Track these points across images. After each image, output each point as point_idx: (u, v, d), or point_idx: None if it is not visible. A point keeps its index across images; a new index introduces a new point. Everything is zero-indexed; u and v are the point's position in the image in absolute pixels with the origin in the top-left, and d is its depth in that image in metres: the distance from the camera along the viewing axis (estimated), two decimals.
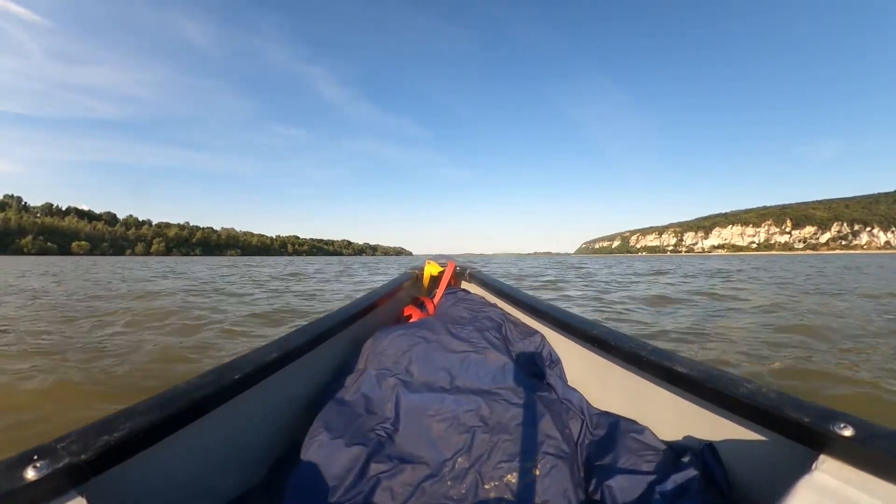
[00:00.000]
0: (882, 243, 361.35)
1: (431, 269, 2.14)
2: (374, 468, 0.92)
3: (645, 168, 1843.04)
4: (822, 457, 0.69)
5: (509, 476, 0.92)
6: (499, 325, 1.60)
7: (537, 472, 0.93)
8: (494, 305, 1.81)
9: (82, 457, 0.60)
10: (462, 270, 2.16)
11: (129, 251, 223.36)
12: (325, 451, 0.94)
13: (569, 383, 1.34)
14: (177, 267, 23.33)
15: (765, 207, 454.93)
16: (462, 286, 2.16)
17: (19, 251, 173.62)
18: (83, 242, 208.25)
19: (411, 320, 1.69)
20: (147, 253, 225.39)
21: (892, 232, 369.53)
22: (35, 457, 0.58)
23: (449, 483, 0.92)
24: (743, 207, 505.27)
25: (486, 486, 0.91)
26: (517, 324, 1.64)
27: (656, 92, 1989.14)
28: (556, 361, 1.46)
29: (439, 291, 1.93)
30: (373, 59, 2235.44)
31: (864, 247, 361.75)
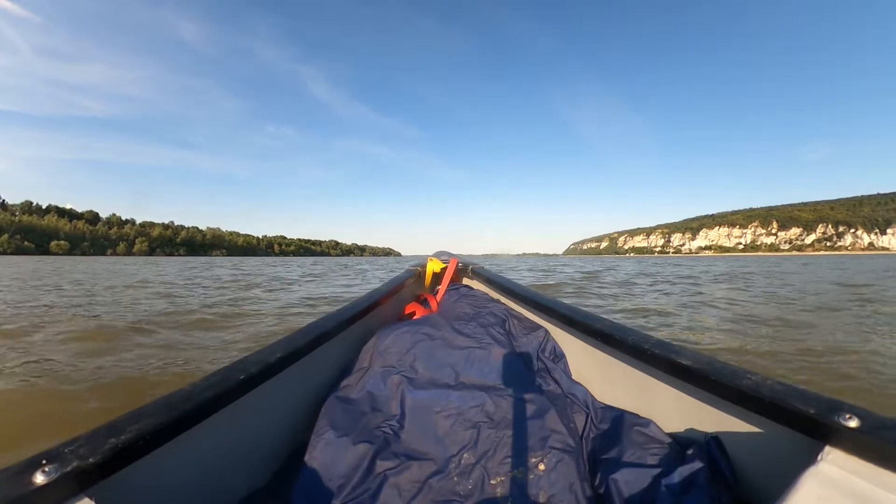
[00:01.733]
0: (865, 244, 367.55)
1: (434, 267, 2.12)
2: (381, 465, 0.92)
3: (634, 169, 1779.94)
4: (827, 448, 0.68)
5: (515, 471, 0.92)
6: (502, 320, 1.59)
7: (543, 467, 0.93)
8: (498, 301, 1.80)
9: (90, 460, 0.60)
10: (464, 267, 2.15)
11: (110, 251, 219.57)
12: (332, 450, 0.94)
13: (573, 377, 1.35)
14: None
15: (751, 209, 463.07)
16: (464, 283, 2.15)
17: None
18: (62, 242, 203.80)
19: (415, 317, 1.68)
20: (129, 253, 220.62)
21: (875, 234, 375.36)
22: (44, 461, 0.58)
23: (455, 479, 0.92)
24: (730, 209, 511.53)
25: (493, 482, 0.91)
26: (521, 319, 1.63)
27: (649, 94, 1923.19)
28: (560, 356, 1.46)
29: (442, 288, 1.92)
30: (368, 60, 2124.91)
31: (848, 248, 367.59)
